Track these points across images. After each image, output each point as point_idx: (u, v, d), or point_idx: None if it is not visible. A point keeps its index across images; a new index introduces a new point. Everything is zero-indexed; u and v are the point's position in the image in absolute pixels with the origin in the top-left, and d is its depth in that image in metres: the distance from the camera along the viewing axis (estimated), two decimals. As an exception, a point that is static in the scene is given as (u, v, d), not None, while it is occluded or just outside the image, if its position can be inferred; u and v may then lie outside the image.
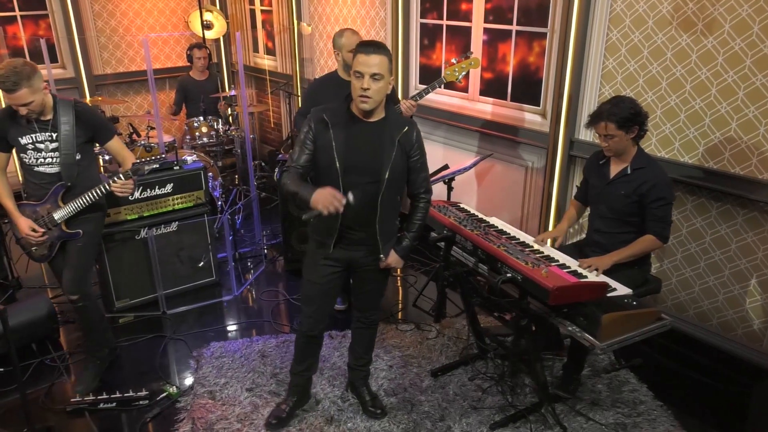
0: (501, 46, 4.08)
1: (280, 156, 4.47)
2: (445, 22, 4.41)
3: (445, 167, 4.00)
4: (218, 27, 6.53)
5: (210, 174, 4.59)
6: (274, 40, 6.33)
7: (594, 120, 2.74)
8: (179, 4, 6.64)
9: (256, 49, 6.76)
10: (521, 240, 2.83)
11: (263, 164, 6.02)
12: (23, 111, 2.75)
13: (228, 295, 4.19)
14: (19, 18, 5.71)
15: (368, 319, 2.90)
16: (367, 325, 2.93)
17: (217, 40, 6.90)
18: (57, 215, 2.98)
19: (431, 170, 3.97)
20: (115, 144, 3.09)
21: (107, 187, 2.96)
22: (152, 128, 5.13)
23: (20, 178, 3.96)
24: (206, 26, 6.34)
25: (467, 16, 4.21)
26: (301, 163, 2.48)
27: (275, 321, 3.87)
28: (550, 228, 3.95)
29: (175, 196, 3.94)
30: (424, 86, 3.59)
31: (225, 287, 4.30)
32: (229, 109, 5.64)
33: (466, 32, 4.28)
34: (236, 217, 5.08)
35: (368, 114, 2.44)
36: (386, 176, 2.45)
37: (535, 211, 4.09)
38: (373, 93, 2.33)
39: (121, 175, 2.94)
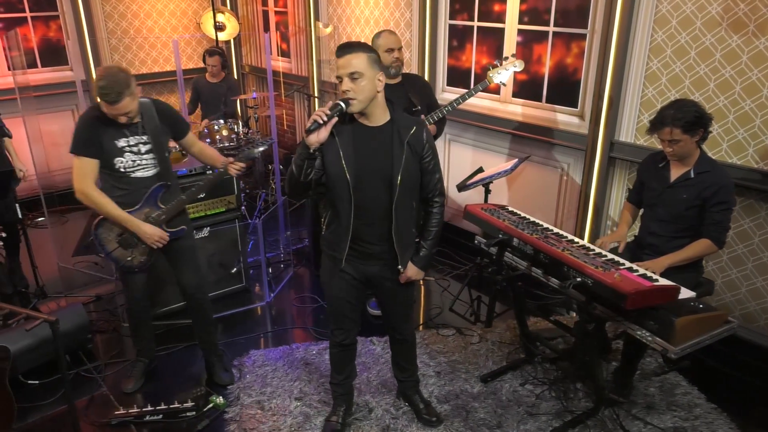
0: (536, 47, 4.05)
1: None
2: (476, 24, 4.37)
3: (480, 170, 3.96)
4: (230, 29, 6.43)
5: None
6: (288, 42, 6.26)
7: (657, 125, 2.68)
8: (190, 5, 6.54)
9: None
10: (582, 243, 2.79)
11: (280, 167, 5.92)
12: (123, 120, 2.68)
13: (260, 301, 4.11)
14: (29, 19, 5.57)
15: (402, 336, 2.82)
16: (402, 342, 2.84)
17: (227, 42, 6.80)
18: (157, 216, 2.91)
19: (465, 174, 3.95)
20: (192, 136, 3.06)
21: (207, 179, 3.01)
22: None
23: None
24: (219, 28, 6.24)
25: (500, 18, 4.18)
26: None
27: (313, 327, 3.80)
28: (587, 228, 3.93)
29: (208, 201, 3.86)
30: (466, 90, 3.55)
31: (254, 293, 4.23)
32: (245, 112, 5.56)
33: (498, 33, 4.24)
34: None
35: (371, 118, 2.36)
36: (398, 182, 2.36)
37: (571, 212, 4.06)
38: (356, 93, 2.25)
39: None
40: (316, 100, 5.86)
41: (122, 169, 2.80)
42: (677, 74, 3.32)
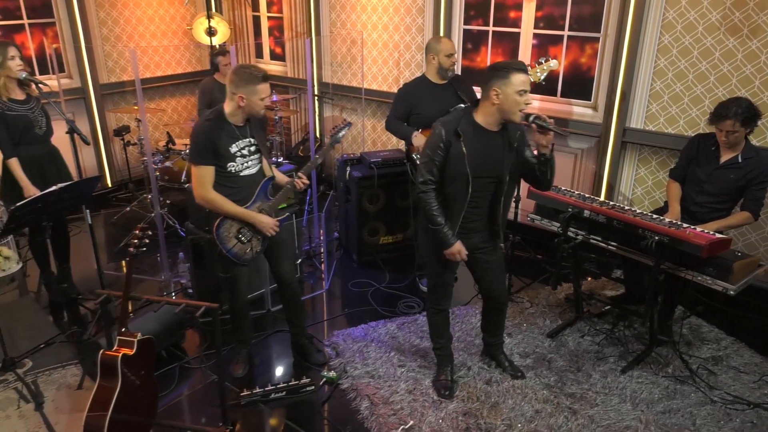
0: (551, 49, 4.63)
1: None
2: (491, 29, 4.88)
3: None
4: (221, 34, 6.54)
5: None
6: (283, 47, 6.48)
7: (721, 118, 3.22)
8: (178, 11, 6.58)
9: (259, 55, 6.85)
10: (639, 211, 3.36)
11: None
12: (260, 107, 2.97)
13: (319, 289, 4.40)
14: (27, 26, 5.43)
15: (501, 304, 3.28)
16: (500, 311, 3.31)
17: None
18: (269, 207, 3.19)
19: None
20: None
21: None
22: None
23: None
24: (211, 33, 6.35)
25: (516, 23, 4.72)
26: (433, 176, 2.83)
27: (382, 307, 4.15)
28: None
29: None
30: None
31: (306, 283, 4.50)
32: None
33: (514, 37, 4.78)
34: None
35: (495, 124, 2.81)
36: (507, 179, 2.88)
37: (585, 192, 4.67)
38: None
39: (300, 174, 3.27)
40: (315, 99, 6.16)
41: (233, 170, 3.08)
42: (682, 70, 4.01)
